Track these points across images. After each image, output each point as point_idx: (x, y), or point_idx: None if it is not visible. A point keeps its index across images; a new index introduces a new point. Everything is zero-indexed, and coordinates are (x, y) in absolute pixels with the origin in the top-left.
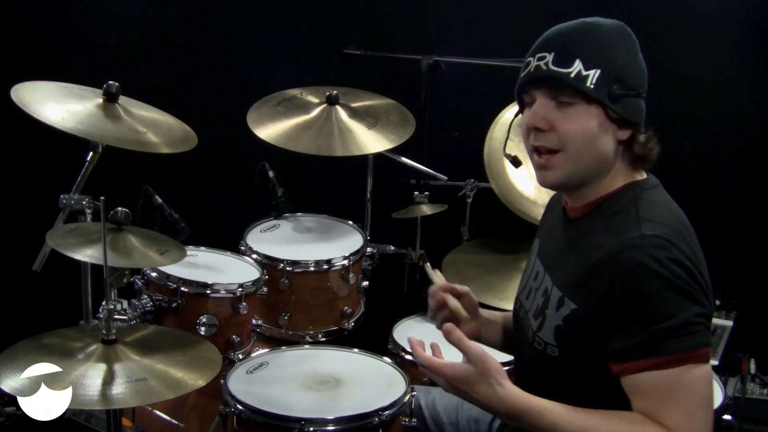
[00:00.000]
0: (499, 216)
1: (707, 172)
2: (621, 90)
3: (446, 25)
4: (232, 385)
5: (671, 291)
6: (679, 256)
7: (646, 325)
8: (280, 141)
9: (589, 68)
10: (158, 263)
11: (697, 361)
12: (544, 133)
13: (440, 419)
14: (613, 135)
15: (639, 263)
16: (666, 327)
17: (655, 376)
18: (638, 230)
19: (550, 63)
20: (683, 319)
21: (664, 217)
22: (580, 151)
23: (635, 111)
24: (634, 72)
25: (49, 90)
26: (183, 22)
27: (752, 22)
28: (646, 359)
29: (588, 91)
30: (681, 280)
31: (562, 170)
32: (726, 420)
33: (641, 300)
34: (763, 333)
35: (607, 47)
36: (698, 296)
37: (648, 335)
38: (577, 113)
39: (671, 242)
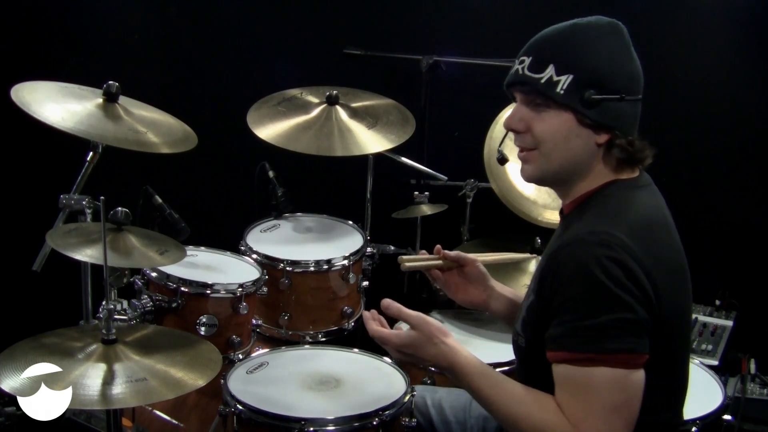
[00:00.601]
0: (499, 216)
1: (707, 172)
2: (597, 95)
3: (446, 25)
4: (232, 385)
5: (599, 292)
6: (622, 257)
7: (570, 319)
8: (280, 141)
9: (561, 74)
10: (158, 263)
11: (610, 365)
12: (521, 134)
13: (447, 418)
14: (588, 138)
15: (577, 259)
16: (584, 326)
17: (567, 369)
18: (591, 226)
19: (525, 68)
20: (602, 322)
21: (625, 216)
22: (552, 152)
23: (613, 115)
24: (617, 75)
25: (49, 90)
26: (183, 22)
27: (752, 22)
28: (561, 352)
29: (556, 97)
30: (613, 282)
31: (537, 166)
32: (726, 420)
33: (570, 294)
34: (763, 333)
35: (586, 51)
36: (629, 301)
37: (567, 329)
38: (549, 117)
39: (617, 239)
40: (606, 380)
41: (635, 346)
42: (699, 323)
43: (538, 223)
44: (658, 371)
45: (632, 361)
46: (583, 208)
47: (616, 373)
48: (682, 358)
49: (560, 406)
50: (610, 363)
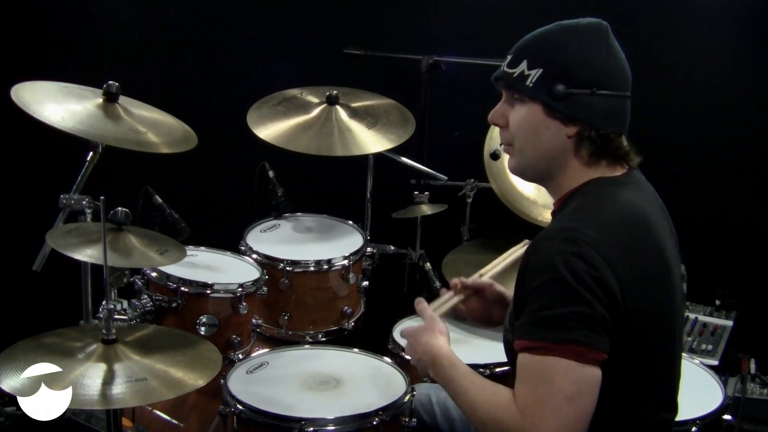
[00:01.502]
0: (499, 216)
1: (707, 172)
2: (566, 88)
3: (446, 25)
4: (232, 385)
5: (558, 285)
6: (585, 251)
7: (531, 309)
8: (280, 141)
9: (532, 68)
10: (158, 263)
11: (564, 356)
12: (502, 129)
13: (452, 416)
14: (557, 131)
15: (543, 253)
16: (542, 315)
17: (525, 358)
18: (563, 222)
19: (505, 65)
20: (558, 313)
21: (597, 213)
22: (524, 145)
23: (583, 108)
24: (588, 69)
25: (49, 90)
26: (183, 22)
27: (752, 22)
28: (520, 340)
29: (525, 89)
30: (574, 277)
31: (515, 161)
32: (726, 420)
33: (534, 286)
34: (763, 333)
35: (558, 47)
36: (588, 298)
37: (528, 318)
38: (520, 110)
39: (586, 237)
40: (557, 370)
41: (589, 340)
42: (699, 323)
43: (538, 223)
44: (630, 368)
45: (585, 355)
46: (564, 206)
47: (568, 364)
48: (663, 354)
49: (514, 395)
50: (563, 353)
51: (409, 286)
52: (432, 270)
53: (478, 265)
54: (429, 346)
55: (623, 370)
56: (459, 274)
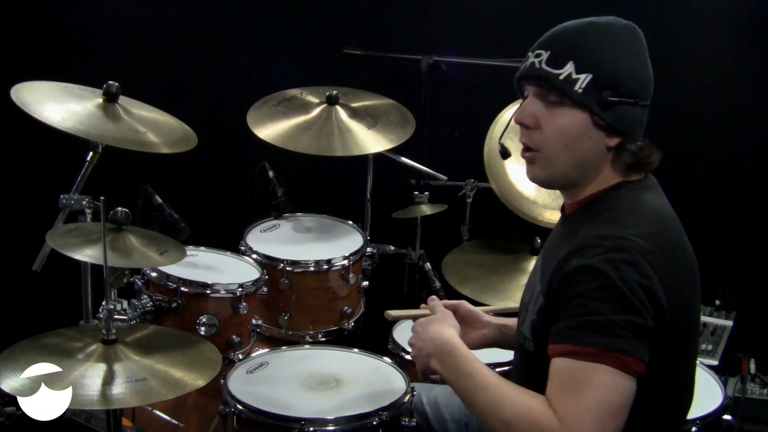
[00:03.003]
0: (499, 216)
1: (707, 172)
2: (613, 97)
3: (446, 25)
4: (232, 385)
5: (610, 291)
6: (638, 260)
7: (576, 315)
8: (280, 141)
9: (580, 72)
10: (158, 263)
11: (611, 364)
12: (530, 131)
13: (443, 416)
14: (599, 141)
15: (592, 262)
16: (590, 320)
17: (567, 363)
18: (605, 230)
19: (543, 62)
20: (610, 320)
21: (639, 218)
22: (558, 154)
23: (626, 119)
24: (633, 79)
25: (49, 90)
26: (183, 22)
27: (752, 22)
28: (563, 344)
29: (574, 95)
30: (626, 285)
31: (542, 170)
32: (726, 420)
33: (580, 292)
34: (763, 333)
35: (604, 51)
36: (638, 306)
37: (574, 323)
38: (562, 115)
39: (634, 244)
40: (604, 379)
41: (636, 351)
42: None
43: (538, 223)
44: (663, 378)
45: (630, 366)
46: (590, 210)
47: (615, 374)
48: (688, 363)
49: (549, 400)
50: (611, 362)
51: (409, 286)
52: (432, 270)
53: (478, 265)
54: (438, 333)
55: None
56: (459, 274)
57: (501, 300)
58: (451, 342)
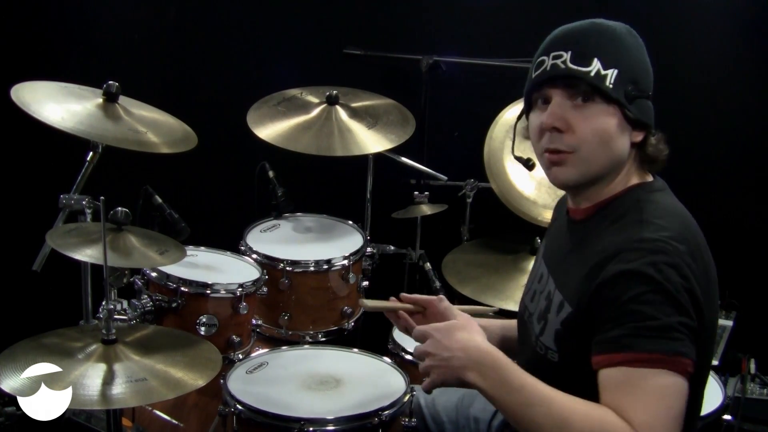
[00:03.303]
0: (499, 216)
1: (707, 172)
2: (635, 91)
3: (446, 25)
4: (232, 385)
5: (658, 294)
6: (678, 262)
7: (627, 321)
8: (280, 141)
9: (607, 67)
10: (158, 263)
11: (672, 369)
12: (560, 134)
13: (440, 418)
14: (628, 136)
15: (634, 267)
16: (647, 326)
17: (627, 372)
18: (639, 233)
19: (568, 61)
20: (666, 323)
21: (668, 220)
22: (595, 152)
23: (648, 112)
24: (645, 74)
25: (49, 90)
26: (183, 22)
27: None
28: (621, 353)
29: (608, 90)
30: (671, 285)
31: (576, 170)
32: (726, 420)
33: (626, 297)
34: (763, 333)
35: (622, 47)
36: (687, 307)
37: (628, 330)
38: (595, 113)
39: (672, 246)
40: (669, 384)
41: (691, 353)
42: None
43: (538, 223)
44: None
45: (687, 369)
46: (608, 214)
47: (677, 378)
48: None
49: (618, 410)
50: (672, 366)
51: (409, 286)
52: (432, 270)
53: (478, 265)
54: (471, 342)
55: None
56: (459, 274)
57: (501, 300)
58: (491, 352)
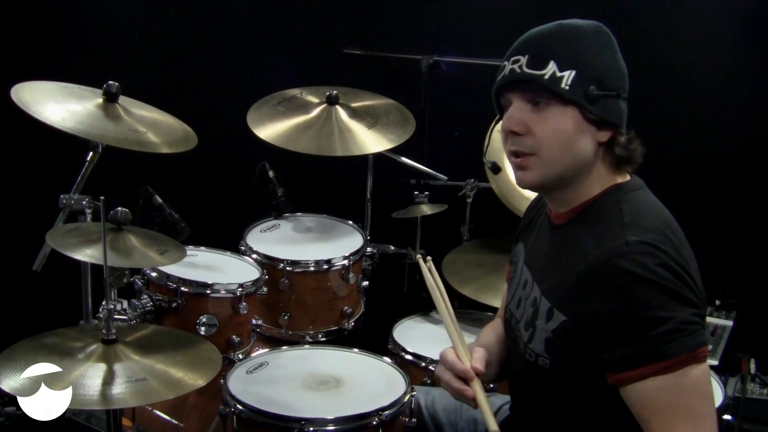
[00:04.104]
0: (499, 216)
1: (707, 172)
2: (598, 90)
3: (446, 25)
4: (232, 385)
5: (662, 295)
6: (665, 260)
7: (644, 331)
8: (280, 141)
9: (563, 69)
10: (158, 263)
11: (697, 361)
12: (520, 137)
13: (439, 420)
14: (591, 136)
15: (627, 271)
16: (664, 331)
17: (660, 381)
18: (623, 237)
19: (524, 66)
20: (680, 320)
21: (648, 221)
22: (555, 154)
23: (614, 112)
24: (613, 72)
25: (49, 90)
26: (183, 22)
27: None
28: (648, 366)
29: (562, 92)
30: (670, 283)
31: (538, 172)
32: (726, 420)
33: (635, 308)
34: (763, 333)
35: (583, 48)
36: (690, 296)
37: (647, 341)
38: (552, 115)
39: (657, 247)
40: (699, 377)
41: (707, 338)
42: None
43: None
44: None
45: (707, 353)
46: (588, 218)
47: (702, 367)
48: None
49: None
50: (697, 359)
51: (409, 286)
52: None
53: (478, 265)
54: None
55: None
56: (459, 274)
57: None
58: None
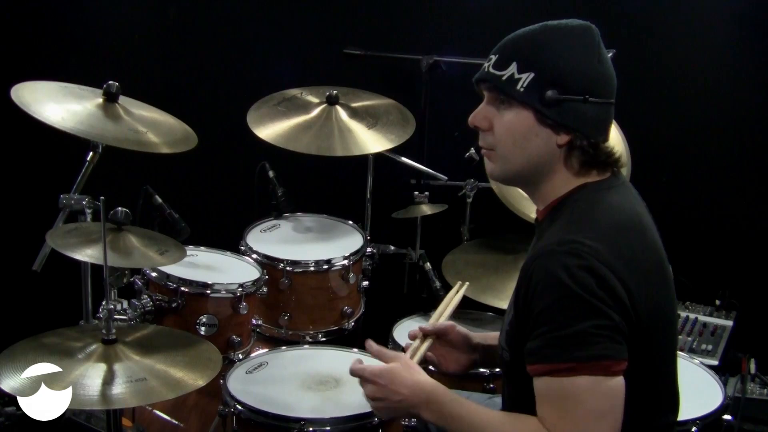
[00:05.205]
0: (499, 216)
1: (707, 172)
2: (558, 94)
3: (446, 25)
4: (232, 385)
5: (569, 300)
6: (591, 263)
7: (547, 330)
8: (280, 141)
9: (522, 71)
10: (158, 263)
11: (591, 373)
12: (484, 132)
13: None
14: (547, 138)
15: (547, 270)
16: (561, 335)
17: (548, 382)
18: (559, 235)
19: (490, 65)
20: (580, 330)
21: (593, 220)
22: (509, 152)
23: (575, 116)
24: (580, 75)
25: (49, 90)
26: (183, 22)
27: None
28: (541, 364)
29: (516, 94)
30: (585, 290)
31: (497, 166)
32: (726, 420)
33: (543, 306)
34: (763, 333)
35: (547, 51)
36: (603, 309)
37: (545, 341)
38: (509, 114)
39: (586, 247)
40: (588, 388)
41: (614, 353)
42: (699, 323)
43: None
44: (645, 375)
45: (612, 368)
46: (554, 216)
47: (597, 380)
48: (667, 358)
49: (541, 421)
50: (591, 371)
51: (409, 286)
52: (432, 270)
53: (478, 265)
54: (417, 384)
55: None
56: (459, 274)
57: (501, 300)
58: (435, 389)
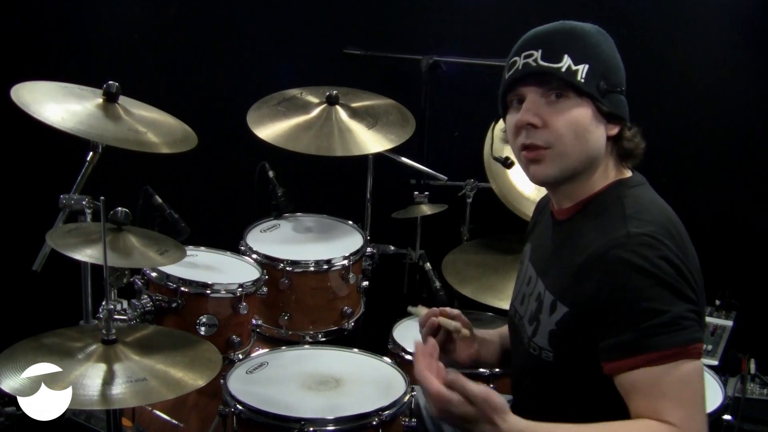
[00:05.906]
0: (499, 216)
1: (707, 172)
2: (607, 86)
3: (446, 25)
4: (232, 385)
5: (660, 287)
6: (667, 253)
7: (637, 322)
8: (280, 141)
9: (578, 63)
10: (158, 263)
11: (690, 357)
12: (536, 130)
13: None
14: (603, 130)
15: (626, 262)
16: (657, 323)
17: (650, 372)
18: (624, 229)
19: (539, 59)
20: (674, 314)
21: (650, 214)
22: (571, 146)
23: (621, 106)
24: (617, 69)
25: (49, 90)
26: (183, 22)
27: (752, 22)
28: (639, 356)
29: (579, 84)
30: (669, 277)
31: (554, 165)
32: (726, 420)
33: (630, 298)
34: (763, 333)
35: (591, 44)
36: (687, 292)
37: (640, 332)
38: (569, 107)
39: (658, 240)
40: (692, 371)
41: (702, 335)
42: None
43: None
44: None
45: (700, 350)
46: (591, 212)
47: (695, 363)
48: None
49: (656, 414)
50: (690, 354)
51: (409, 286)
52: (432, 270)
53: (478, 265)
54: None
55: None
56: (459, 274)
57: (501, 300)
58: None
